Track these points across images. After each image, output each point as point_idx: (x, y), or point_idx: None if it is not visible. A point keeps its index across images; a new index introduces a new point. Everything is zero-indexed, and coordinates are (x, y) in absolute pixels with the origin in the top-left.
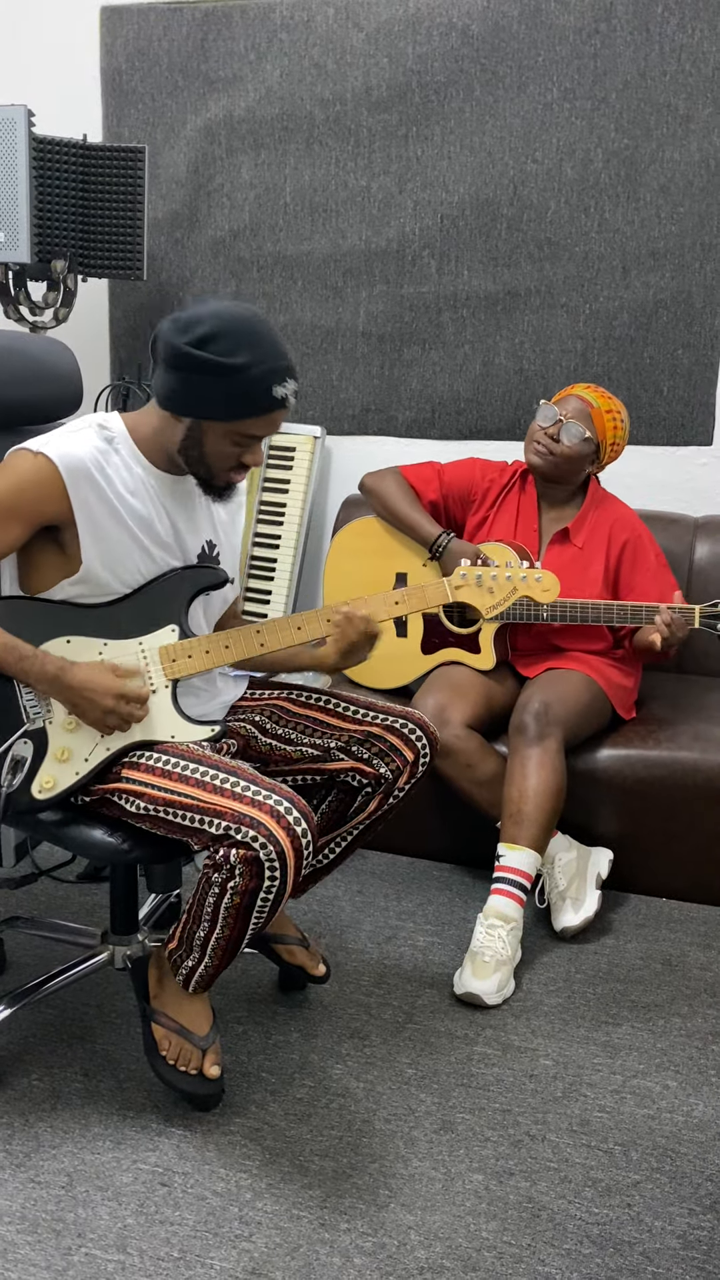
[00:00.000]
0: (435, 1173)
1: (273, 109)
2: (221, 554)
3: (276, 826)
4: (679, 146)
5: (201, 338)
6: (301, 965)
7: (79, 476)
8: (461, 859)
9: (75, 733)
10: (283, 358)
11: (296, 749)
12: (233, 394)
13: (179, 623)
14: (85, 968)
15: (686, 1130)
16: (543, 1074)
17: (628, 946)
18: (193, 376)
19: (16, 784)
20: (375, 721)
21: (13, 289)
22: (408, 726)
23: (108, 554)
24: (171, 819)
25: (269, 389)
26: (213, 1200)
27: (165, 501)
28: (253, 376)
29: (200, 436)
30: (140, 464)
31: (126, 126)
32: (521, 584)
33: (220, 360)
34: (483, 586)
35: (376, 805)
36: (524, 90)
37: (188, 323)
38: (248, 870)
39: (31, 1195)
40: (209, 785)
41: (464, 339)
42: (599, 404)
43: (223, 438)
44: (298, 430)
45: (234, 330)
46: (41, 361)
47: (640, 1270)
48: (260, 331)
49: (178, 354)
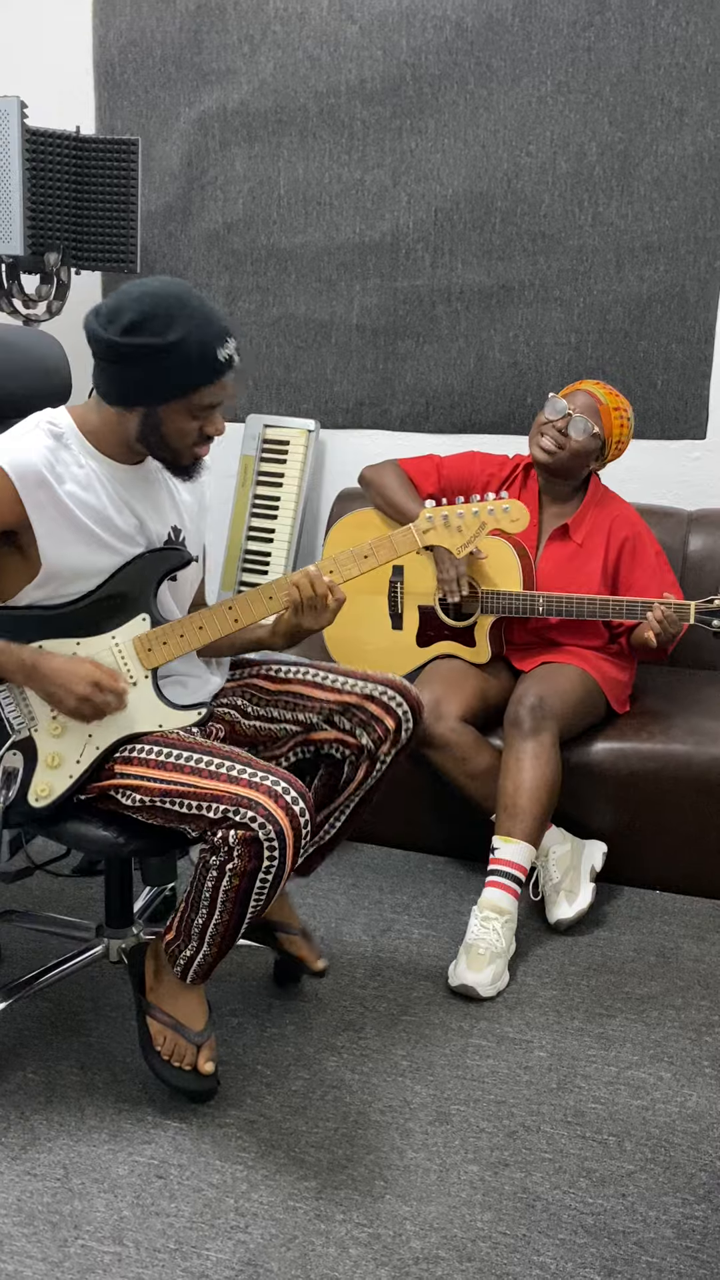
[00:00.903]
0: (430, 1164)
1: (266, 101)
2: (187, 538)
3: (275, 806)
4: (673, 140)
5: (129, 325)
6: (302, 958)
7: (30, 480)
8: (456, 852)
9: (62, 737)
10: (216, 320)
11: (280, 727)
12: (177, 370)
13: (149, 610)
14: (80, 961)
15: (680, 1121)
16: (537, 1066)
17: (622, 939)
18: (132, 367)
19: (12, 796)
20: (354, 690)
21: (5, 282)
22: (387, 693)
23: (68, 553)
24: (169, 808)
25: (213, 354)
26: (209, 1192)
27: (122, 492)
28: (192, 347)
29: (156, 422)
30: (93, 457)
31: (120, 118)
32: (489, 517)
33: (154, 342)
34: (450, 526)
35: (364, 774)
36: (518, 83)
37: (111, 313)
38: (246, 851)
39: (28, 1188)
40: (204, 771)
41: (458, 332)
42: (607, 400)
43: (180, 415)
44: (292, 424)
45: (160, 308)
46: (28, 353)
47: (635, 1260)
48: (186, 300)
49: (110, 346)
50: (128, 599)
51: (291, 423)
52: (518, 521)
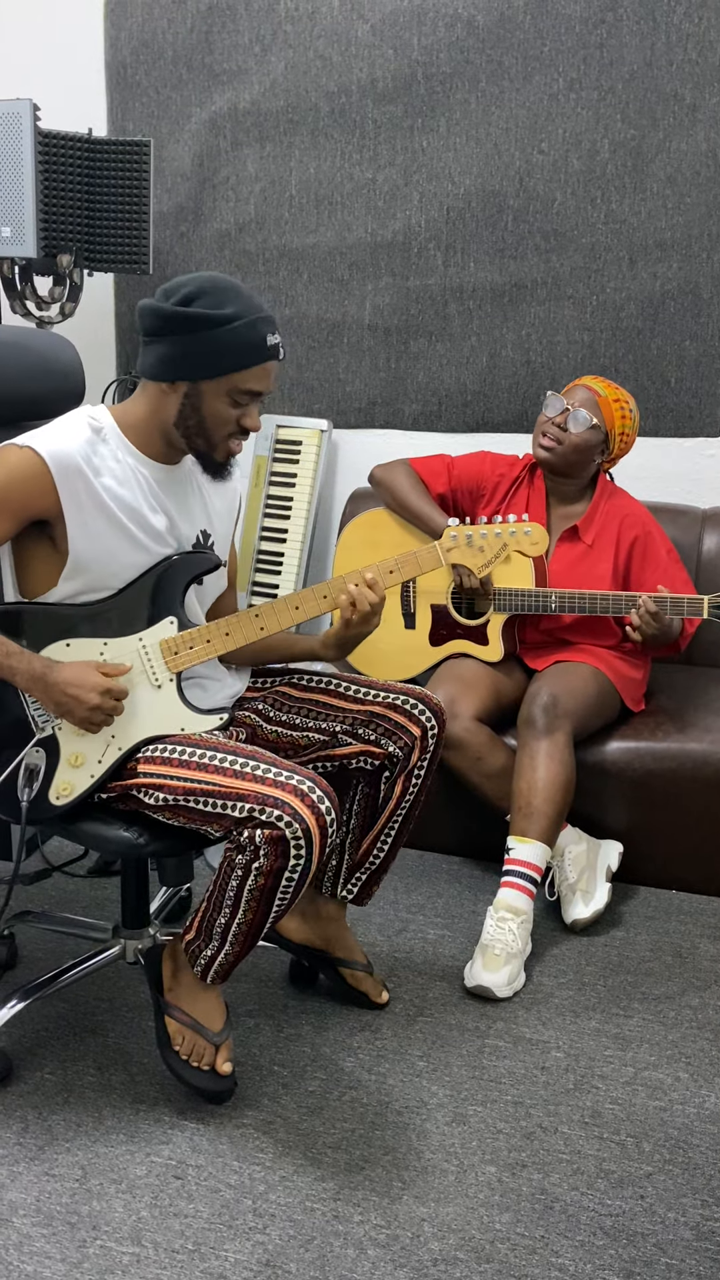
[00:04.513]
0: (448, 1165)
1: (278, 101)
2: (216, 543)
3: (301, 805)
4: (686, 136)
5: (187, 296)
6: (365, 992)
7: (68, 470)
8: (471, 852)
9: (85, 736)
10: (266, 311)
11: (303, 734)
12: (226, 345)
13: (176, 614)
14: (97, 962)
15: (699, 1122)
16: (554, 1066)
17: (638, 939)
18: (184, 336)
19: (34, 794)
20: (378, 700)
21: (19, 284)
22: (409, 702)
23: (97, 545)
24: (193, 807)
25: (263, 337)
26: (226, 1193)
27: (157, 492)
28: (244, 325)
29: (198, 401)
30: (131, 454)
31: (131, 120)
32: (511, 538)
33: (209, 313)
34: (473, 546)
35: (401, 789)
36: (530, 81)
37: (169, 290)
38: (273, 850)
39: (46, 1188)
40: (229, 770)
41: (470, 331)
42: (606, 393)
43: (221, 398)
44: (304, 424)
45: (217, 287)
46: (44, 356)
47: (654, 1261)
48: (240, 289)
49: (165, 317)
50: (156, 601)
51: (304, 423)
52: (537, 545)
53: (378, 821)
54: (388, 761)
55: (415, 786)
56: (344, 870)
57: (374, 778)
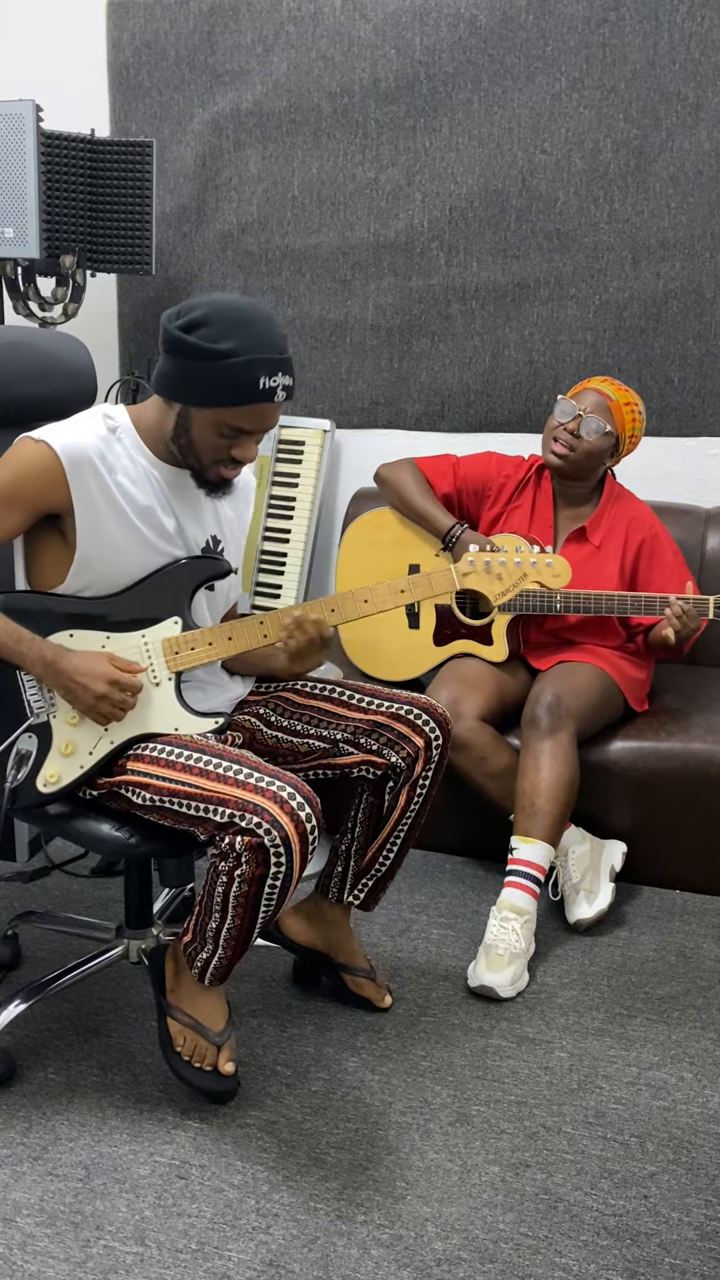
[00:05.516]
0: (451, 1165)
1: (280, 102)
2: (226, 551)
3: (280, 812)
4: (689, 136)
5: (191, 322)
6: (368, 998)
7: (80, 465)
8: (474, 852)
9: (79, 726)
10: (275, 350)
11: (303, 741)
12: (214, 381)
13: (182, 615)
14: (100, 962)
15: (702, 1122)
16: (558, 1066)
17: (641, 939)
18: (182, 361)
19: (21, 778)
20: (381, 710)
21: (22, 284)
22: (413, 712)
23: (106, 542)
24: (176, 809)
25: (254, 380)
26: (230, 1193)
27: (169, 494)
28: (238, 364)
29: (188, 424)
30: (144, 455)
31: (134, 120)
32: (531, 569)
33: (203, 345)
34: (491, 573)
35: (406, 799)
36: (532, 80)
37: (184, 308)
38: (254, 857)
39: (50, 1188)
40: (212, 774)
41: (473, 331)
42: (617, 397)
43: (208, 427)
44: (307, 424)
45: (225, 317)
46: (56, 357)
47: (657, 1261)
48: (255, 322)
49: (169, 338)
50: (162, 600)
51: (307, 423)
52: (559, 577)
53: (383, 829)
54: (390, 772)
55: (420, 796)
56: (350, 876)
57: (378, 787)
